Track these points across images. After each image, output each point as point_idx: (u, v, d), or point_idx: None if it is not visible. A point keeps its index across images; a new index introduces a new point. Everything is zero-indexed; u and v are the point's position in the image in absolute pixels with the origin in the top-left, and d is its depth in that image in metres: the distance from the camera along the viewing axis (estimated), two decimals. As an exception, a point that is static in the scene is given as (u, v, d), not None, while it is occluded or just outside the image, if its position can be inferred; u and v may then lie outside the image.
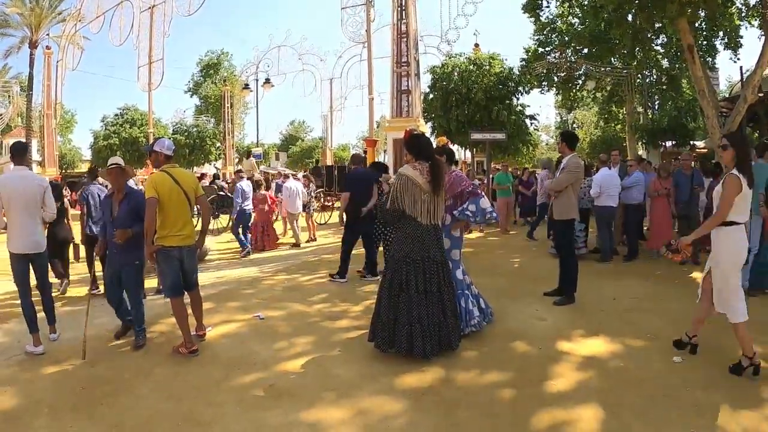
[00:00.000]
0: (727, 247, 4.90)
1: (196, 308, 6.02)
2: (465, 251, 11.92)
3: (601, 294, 7.07)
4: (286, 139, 72.56)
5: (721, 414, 4.14)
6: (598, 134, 38.80)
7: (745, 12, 19.79)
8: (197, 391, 4.67)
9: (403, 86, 16.02)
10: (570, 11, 26.28)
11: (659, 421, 4.05)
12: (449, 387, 4.71)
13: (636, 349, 5.62)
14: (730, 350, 5.45)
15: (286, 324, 6.60)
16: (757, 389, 4.57)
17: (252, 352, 5.63)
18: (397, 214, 5.30)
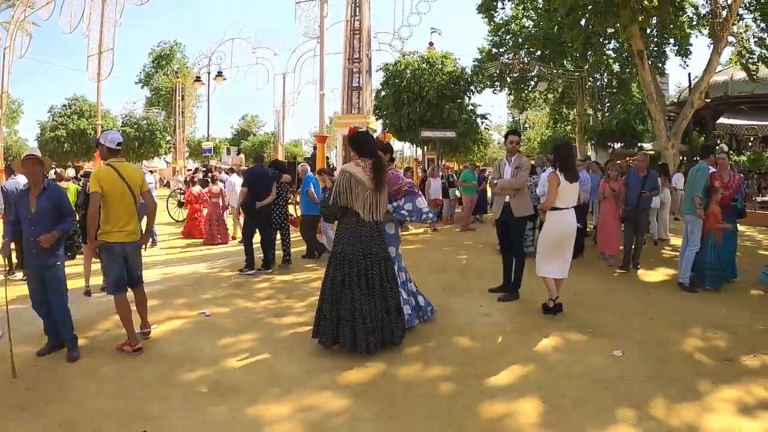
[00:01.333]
0: (550, 225, 6.63)
1: (140, 305, 5.89)
2: (414, 248, 12.20)
3: (545, 290, 7.21)
4: (237, 134, 71.51)
5: (660, 406, 4.27)
6: (548, 134, 39.61)
7: (695, 21, 20.53)
8: (143, 388, 4.61)
9: (355, 83, 15.98)
10: (524, 14, 26.82)
11: (598, 413, 4.15)
12: (391, 382, 4.75)
13: (577, 343, 5.76)
14: (671, 345, 5.69)
15: (231, 320, 6.56)
16: (695, 382, 4.72)
17: (197, 348, 5.57)
18: (339, 210, 5.35)
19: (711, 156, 8.59)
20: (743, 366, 5.18)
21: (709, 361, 5.27)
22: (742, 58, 19.63)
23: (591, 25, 18.99)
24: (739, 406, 4.31)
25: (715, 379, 4.81)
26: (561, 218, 6.61)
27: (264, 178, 9.46)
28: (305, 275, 9.13)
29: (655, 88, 19.19)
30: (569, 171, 6.58)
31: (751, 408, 4.29)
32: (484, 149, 29.26)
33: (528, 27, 27.74)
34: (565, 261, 6.75)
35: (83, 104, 42.36)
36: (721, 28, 16.38)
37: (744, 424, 4.04)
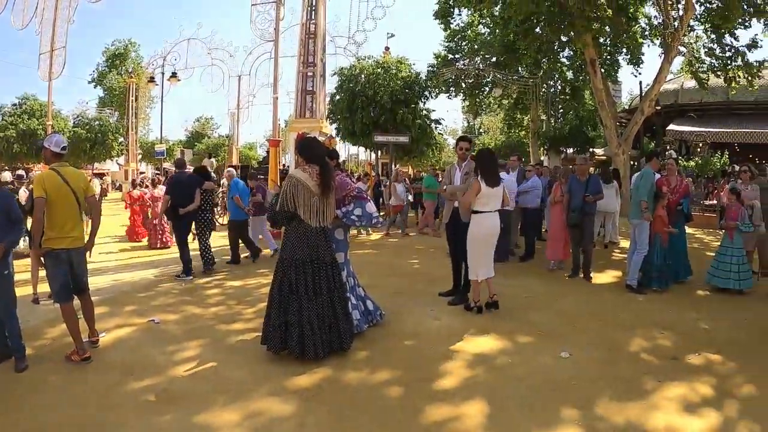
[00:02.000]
0: (476, 228, 6.85)
1: (87, 313, 5.70)
2: (365, 252, 12.14)
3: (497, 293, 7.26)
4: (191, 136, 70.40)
5: (605, 405, 4.32)
6: (502, 139, 40.18)
7: (648, 31, 21.12)
8: (92, 398, 4.50)
9: (309, 87, 15.90)
10: (480, 21, 27.19)
11: (545, 414, 4.18)
12: (339, 387, 4.73)
13: (525, 345, 5.80)
14: (618, 345, 5.79)
15: (181, 328, 6.44)
16: (640, 381, 4.81)
17: (146, 356, 5.45)
18: (286, 216, 5.32)
19: (655, 161, 8.78)
20: (688, 364, 5.30)
21: (655, 361, 5.38)
22: (693, 68, 20.29)
23: (545, 33, 19.33)
24: (683, 404, 4.39)
25: (660, 377, 4.90)
26: (485, 221, 6.88)
27: (186, 185, 9.52)
28: (256, 281, 9.02)
29: (607, 95, 19.67)
30: (491, 176, 6.83)
31: (695, 405, 4.37)
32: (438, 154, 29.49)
33: (484, 34, 28.24)
34: (492, 260, 7.13)
35: (34, 103, 41.38)
36: (672, 38, 16.91)
37: (688, 421, 4.11)
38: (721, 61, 19.65)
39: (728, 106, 26.49)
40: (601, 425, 4.02)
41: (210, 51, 29.59)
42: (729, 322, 6.81)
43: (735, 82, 19.89)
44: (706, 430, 4.00)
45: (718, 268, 8.30)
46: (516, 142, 36.24)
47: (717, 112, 27.05)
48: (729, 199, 8.68)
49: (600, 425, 4.02)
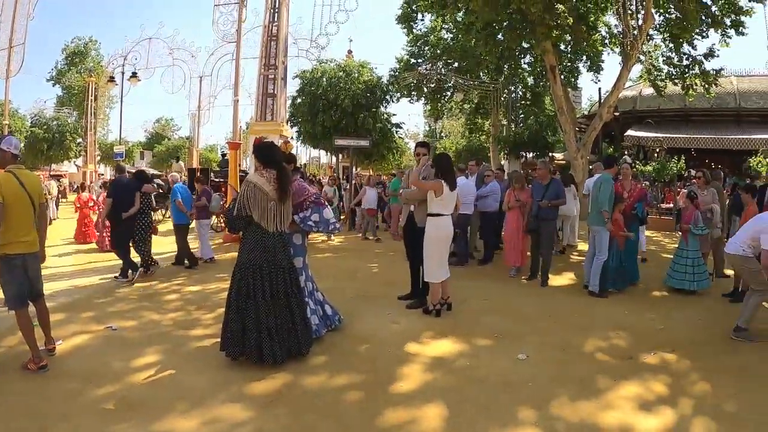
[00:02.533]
0: (431, 230, 6.93)
1: (43, 320, 5.55)
2: (325, 256, 12.11)
3: (454, 297, 7.30)
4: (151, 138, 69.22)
5: (561, 405, 4.38)
6: (463, 144, 40.53)
7: (608, 39, 21.57)
8: (50, 407, 4.38)
9: (269, 90, 15.79)
10: (443, 26, 27.42)
11: (502, 415, 4.22)
12: (298, 392, 4.70)
13: (483, 348, 5.84)
14: (574, 346, 5.89)
15: (139, 334, 6.32)
16: (596, 381, 4.89)
17: (104, 364, 5.32)
18: (243, 220, 5.30)
19: (615, 167, 8.93)
20: (643, 363, 5.41)
21: (611, 360, 5.49)
22: (651, 75, 20.76)
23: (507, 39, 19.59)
24: (638, 402, 4.48)
25: (616, 376, 5.00)
26: (442, 223, 6.98)
27: (127, 189, 9.55)
28: (215, 285, 8.92)
29: (566, 101, 20.04)
30: (451, 180, 6.98)
31: (650, 404, 4.47)
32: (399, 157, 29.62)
33: (446, 39, 28.49)
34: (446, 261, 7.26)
35: (-11, 101, 40.19)
36: (631, 47, 17.29)
37: (643, 419, 4.20)
38: (679, 70, 20.21)
39: (685, 112, 27.30)
40: (558, 425, 4.07)
41: (172, 51, 29.06)
42: (684, 321, 7.01)
43: (692, 89, 20.44)
44: (662, 427, 4.09)
45: (674, 270, 8.54)
46: (477, 146, 36.65)
47: (674, 119, 27.84)
48: (684, 203, 8.91)
49: (557, 425, 4.07)
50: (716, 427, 4.08)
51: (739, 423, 4.16)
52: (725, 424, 4.12)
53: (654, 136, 26.06)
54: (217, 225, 16.08)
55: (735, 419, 4.22)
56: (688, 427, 4.10)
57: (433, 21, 27.53)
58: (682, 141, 25.71)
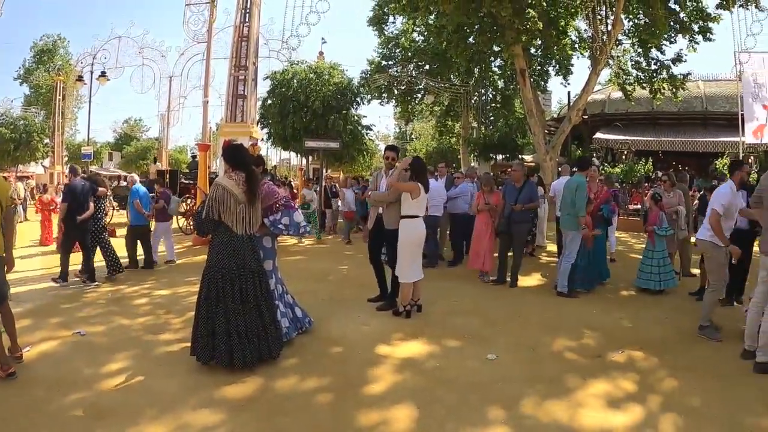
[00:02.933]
0: (405, 231, 7.00)
1: (8, 325, 5.40)
2: (295, 258, 12.04)
3: (424, 298, 7.35)
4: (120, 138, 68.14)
5: (531, 405, 4.43)
6: (434, 146, 40.74)
7: (577, 44, 21.90)
8: (18, 415, 4.30)
9: (240, 91, 15.65)
10: (414, 29, 27.53)
11: (472, 415, 4.25)
12: (269, 395, 4.68)
13: (452, 349, 5.88)
14: (543, 346, 5.96)
15: (108, 339, 6.22)
16: (565, 380, 4.96)
17: (73, 370, 5.22)
18: (212, 224, 5.26)
19: (589, 168, 9.06)
20: (612, 362, 5.51)
21: (580, 359, 5.58)
22: (620, 79, 21.13)
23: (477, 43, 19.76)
24: (607, 400, 4.57)
25: (585, 375, 5.08)
26: (418, 224, 7.10)
27: (81, 193, 9.36)
28: (185, 289, 8.81)
29: (536, 104, 20.26)
30: (425, 183, 7.14)
31: (619, 401, 4.56)
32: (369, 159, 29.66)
33: (417, 42, 28.60)
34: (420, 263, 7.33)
35: (-47, 101, 39.19)
36: (600, 51, 17.55)
37: (613, 416, 4.27)
38: (647, 74, 20.67)
39: (653, 116, 27.92)
40: (528, 423, 4.12)
41: (141, 50, 28.65)
42: (651, 320, 7.16)
43: (660, 93, 20.87)
44: (630, 424, 4.16)
45: (641, 270, 8.69)
46: (447, 148, 36.86)
47: (642, 122, 28.45)
48: (650, 205, 9.08)
49: (526, 423, 4.12)
50: (683, 423, 4.16)
51: (706, 418, 4.26)
52: (692, 420, 4.21)
53: (622, 138, 26.63)
54: (186, 228, 15.91)
55: (701, 415, 4.32)
56: (656, 423, 4.17)
57: (404, 23, 27.68)
58: (650, 144, 26.31)
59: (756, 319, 5.43)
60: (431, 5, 17.10)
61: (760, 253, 5.44)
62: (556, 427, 4.09)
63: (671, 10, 18.10)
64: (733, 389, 4.85)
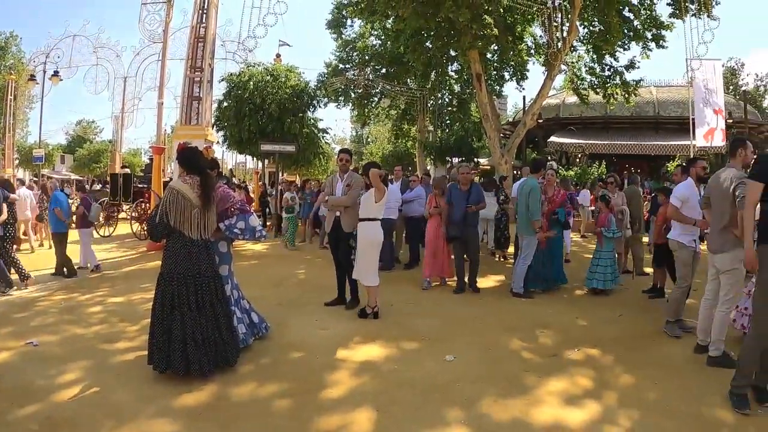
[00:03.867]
0: (366, 235, 7.17)
1: None
2: (251, 263, 11.95)
3: (381, 301, 7.39)
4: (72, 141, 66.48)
5: (490, 404, 4.49)
6: (390, 149, 40.95)
7: (533, 49, 22.29)
8: None
9: (195, 93, 15.47)
10: (372, 32, 27.66)
11: (431, 416, 4.28)
12: (227, 403, 4.63)
13: (411, 351, 5.91)
14: (500, 346, 6.06)
15: (62, 349, 6.04)
16: (520, 379, 5.05)
17: (26, 382, 5.05)
18: (166, 228, 5.15)
19: (542, 170, 9.21)
20: (568, 360, 5.64)
21: (536, 358, 5.68)
22: (574, 84, 21.61)
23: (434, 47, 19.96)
24: (565, 397, 4.67)
25: (542, 374, 5.17)
26: (374, 227, 7.25)
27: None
28: (140, 296, 8.63)
29: (492, 108, 20.57)
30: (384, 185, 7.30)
31: (576, 398, 4.67)
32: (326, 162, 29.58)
33: (375, 45, 28.73)
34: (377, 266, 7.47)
35: None
36: (555, 57, 17.90)
37: (570, 413, 4.37)
38: (601, 80, 21.21)
39: (606, 120, 28.65)
40: (486, 423, 4.17)
41: (96, 50, 28.05)
42: (606, 318, 7.36)
43: (613, 98, 21.41)
44: (588, 420, 4.26)
45: (592, 271, 8.87)
46: (403, 152, 37.08)
47: (595, 126, 29.17)
48: (598, 207, 9.30)
49: (485, 423, 4.17)
50: (640, 417, 4.28)
51: (662, 412, 4.39)
52: (649, 414, 4.34)
53: (576, 142, 27.26)
54: (140, 233, 15.65)
55: (658, 409, 4.45)
56: (614, 418, 4.28)
57: (362, 27, 27.80)
58: (604, 147, 27.00)
59: (708, 314, 5.63)
60: (389, 9, 17.22)
61: (708, 252, 5.64)
62: (514, 425, 4.16)
63: (625, 18, 18.65)
64: (689, 383, 5.01)
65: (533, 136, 28.43)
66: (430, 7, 15.79)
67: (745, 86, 50.88)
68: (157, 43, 17.39)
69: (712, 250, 5.48)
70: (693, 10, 17.62)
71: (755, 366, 4.47)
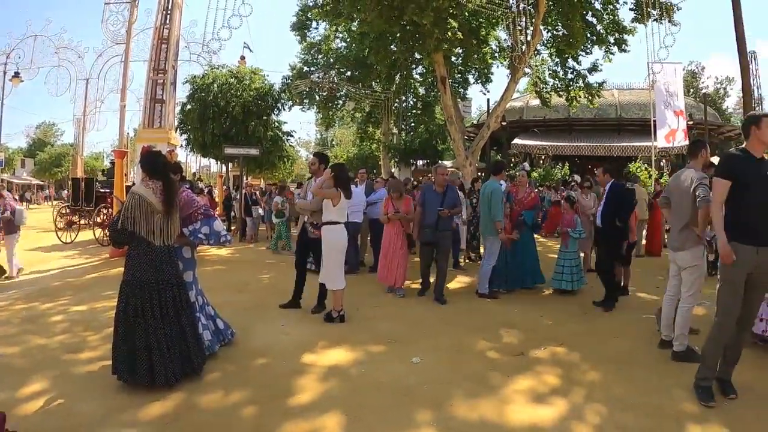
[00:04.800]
0: (329, 238, 7.14)
1: None
2: (215, 268, 11.83)
3: (346, 304, 7.39)
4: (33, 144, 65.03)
5: (458, 405, 4.53)
6: (354, 152, 41.01)
7: (497, 53, 22.55)
8: None
9: (158, 95, 15.26)
10: (336, 35, 27.67)
11: (400, 419, 4.29)
12: (194, 412, 4.56)
13: (377, 354, 5.92)
14: (467, 346, 6.12)
15: (24, 360, 5.88)
16: (488, 379, 5.11)
17: None
18: (128, 234, 5.04)
19: (503, 172, 9.19)
20: (535, 358, 5.72)
21: (503, 358, 5.75)
22: (537, 88, 21.87)
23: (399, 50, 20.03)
24: (532, 395, 4.74)
25: (509, 373, 5.25)
26: (337, 230, 7.21)
27: None
28: (102, 304, 8.43)
29: (456, 111, 20.69)
30: (347, 189, 7.27)
31: (544, 395, 4.74)
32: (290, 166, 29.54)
33: (339, 48, 28.73)
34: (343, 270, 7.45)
35: None
36: (519, 60, 18.08)
37: (539, 410, 4.44)
38: (564, 83, 21.51)
39: (569, 122, 29.08)
40: (455, 423, 4.20)
41: (58, 50, 27.40)
42: (570, 317, 7.51)
43: (576, 101, 21.73)
44: (557, 417, 4.33)
45: (556, 272, 9.01)
46: (368, 154, 37.16)
47: (559, 128, 29.66)
48: (564, 208, 9.42)
49: (454, 423, 4.20)
50: (608, 412, 4.38)
51: (629, 406, 4.48)
52: (616, 409, 4.43)
53: (540, 144, 27.68)
54: (103, 239, 15.35)
55: (625, 403, 4.55)
56: (581, 414, 4.36)
57: (327, 30, 27.78)
58: (567, 149, 27.46)
59: (671, 310, 5.79)
60: (354, 12, 17.23)
61: (669, 249, 5.78)
62: (483, 425, 4.19)
63: (588, 23, 18.96)
64: (654, 378, 5.13)
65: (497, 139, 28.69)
66: (394, 10, 15.85)
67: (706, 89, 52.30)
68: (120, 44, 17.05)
69: (674, 248, 5.63)
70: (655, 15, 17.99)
71: (718, 358, 4.60)
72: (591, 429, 4.14)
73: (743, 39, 15.92)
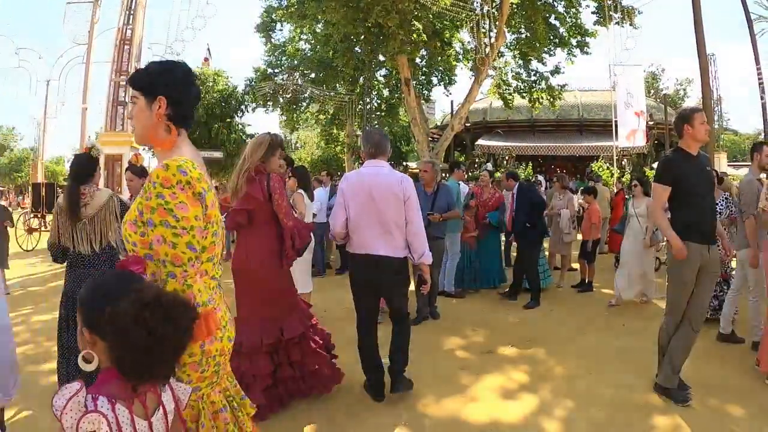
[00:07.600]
0: None
1: None
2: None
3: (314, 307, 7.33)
4: None
5: (428, 404, 4.54)
6: (319, 154, 40.80)
7: (461, 55, 22.71)
8: None
9: (121, 97, 15.00)
10: (301, 37, 27.55)
11: (369, 419, 4.30)
12: None
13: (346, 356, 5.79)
14: (436, 346, 6.15)
15: None
16: (458, 377, 5.13)
17: None
18: (58, 247, 4.72)
19: (457, 171, 9.26)
20: (502, 356, 5.78)
21: (471, 356, 5.79)
22: (500, 89, 22.08)
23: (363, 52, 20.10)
24: (501, 393, 4.78)
25: (477, 371, 5.28)
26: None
27: None
28: (66, 312, 8.31)
29: (420, 112, 20.83)
30: (309, 191, 7.47)
31: (512, 392, 4.80)
32: (253, 170, 29.33)
33: (304, 50, 28.58)
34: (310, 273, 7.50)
35: None
36: (483, 63, 18.26)
37: (508, 406, 4.50)
38: (527, 84, 21.75)
39: (532, 123, 29.41)
40: (425, 422, 4.22)
41: (17, 51, 26.70)
42: (536, 314, 7.61)
43: (539, 102, 22.00)
44: (526, 413, 4.37)
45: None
46: (332, 156, 37.07)
47: (522, 129, 29.97)
48: None
49: (423, 422, 4.21)
50: (575, 406, 4.45)
51: (594, 400, 4.56)
52: (582, 402, 4.51)
53: (503, 144, 27.96)
54: None
55: (590, 397, 4.63)
56: (549, 410, 4.41)
57: (291, 31, 27.60)
58: (530, 149, 27.81)
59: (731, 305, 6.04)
60: (319, 14, 17.23)
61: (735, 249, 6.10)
62: (454, 424, 4.21)
63: (551, 26, 19.29)
64: (619, 371, 5.21)
65: (461, 140, 28.97)
66: (359, 12, 15.89)
67: (666, 90, 53.19)
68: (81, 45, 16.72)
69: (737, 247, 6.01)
70: (616, 18, 18.42)
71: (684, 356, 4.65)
72: (560, 423, 4.18)
73: (703, 42, 16.29)
